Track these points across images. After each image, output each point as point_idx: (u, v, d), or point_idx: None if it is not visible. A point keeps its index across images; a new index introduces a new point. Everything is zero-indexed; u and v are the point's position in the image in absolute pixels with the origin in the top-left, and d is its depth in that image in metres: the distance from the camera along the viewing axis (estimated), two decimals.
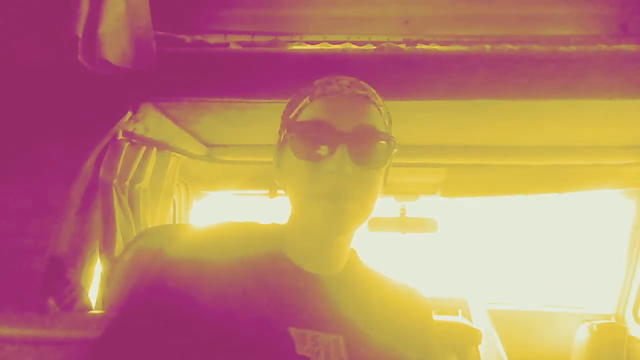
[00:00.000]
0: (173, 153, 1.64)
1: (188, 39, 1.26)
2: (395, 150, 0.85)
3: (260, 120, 1.50)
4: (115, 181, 1.30)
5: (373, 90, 0.88)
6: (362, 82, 0.87)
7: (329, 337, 0.81)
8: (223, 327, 0.78)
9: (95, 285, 1.31)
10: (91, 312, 1.23)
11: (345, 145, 0.78)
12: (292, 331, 0.80)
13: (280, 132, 0.91)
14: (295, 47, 1.27)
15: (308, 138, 0.81)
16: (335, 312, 0.85)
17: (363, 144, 0.80)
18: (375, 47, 1.24)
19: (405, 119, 1.51)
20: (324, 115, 0.81)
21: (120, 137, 1.27)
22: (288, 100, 0.92)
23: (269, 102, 1.24)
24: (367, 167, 0.81)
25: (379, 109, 0.86)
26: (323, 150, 0.79)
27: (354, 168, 0.79)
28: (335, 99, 0.83)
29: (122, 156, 1.30)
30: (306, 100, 0.85)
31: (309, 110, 0.84)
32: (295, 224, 0.88)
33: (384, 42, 1.25)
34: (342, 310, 0.86)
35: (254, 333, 0.78)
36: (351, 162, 0.78)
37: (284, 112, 0.91)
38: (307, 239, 0.87)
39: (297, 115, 0.85)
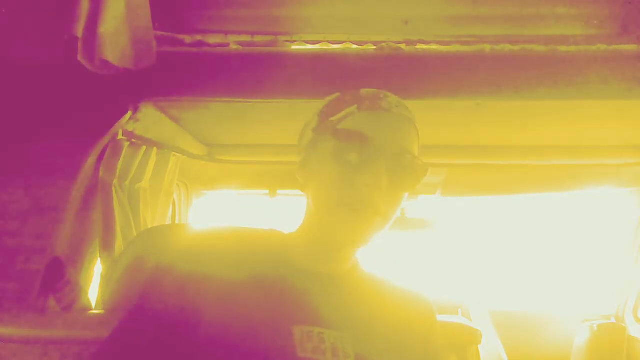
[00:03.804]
0: (173, 153, 1.64)
1: (188, 39, 1.26)
2: (424, 176, 0.87)
3: (260, 120, 1.50)
4: (115, 181, 1.30)
5: (413, 113, 0.89)
6: (405, 103, 0.89)
7: (335, 334, 0.82)
8: (224, 333, 0.78)
9: (95, 285, 1.31)
10: (91, 312, 1.23)
11: (385, 162, 0.81)
12: (297, 330, 0.80)
13: (308, 131, 0.91)
14: (295, 47, 1.28)
15: (351, 147, 0.82)
16: (342, 309, 0.85)
17: (401, 165, 0.83)
18: (375, 47, 1.24)
19: None
20: (371, 130, 0.83)
21: (120, 137, 1.27)
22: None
23: (269, 102, 1.24)
24: (399, 188, 0.84)
25: (418, 133, 0.88)
26: (362, 161, 0.81)
27: (387, 185, 0.82)
28: (383, 116, 0.85)
29: (122, 156, 1.30)
30: (353, 108, 0.86)
31: (356, 120, 0.85)
32: (310, 227, 0.89)
33: (384, 42, 1.25)
34: (348, 308, 0.86)
35: (255, 338, 0.78)
36: (387, 179, 0.81)
37: (321, 113, 0.91)
38: (321, 243, 0.87)
39: (340, 120, 0.86)
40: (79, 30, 1.01)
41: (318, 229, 0.86)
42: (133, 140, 1.34)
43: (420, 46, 1.27)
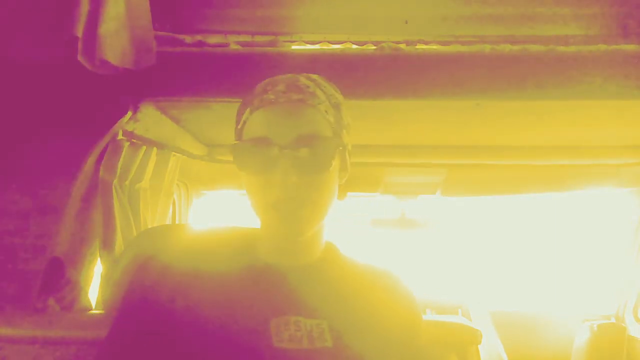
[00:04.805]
0: (173, 153, 1.64)
1: (188, 39, 1.26)
2: (341, 147, 0.86)
3: None
4: (115, 181, 1.30)
5: (312, 88, 0.86)
6: (300, 82, 0.86)
7: (311, 322, 0.84)
8: (205, 332, 0.81)
9: (95, 285, 1.31)
10: (91, 312, 1.23)
11: (287, 157, 0.81)
12: (273, 322, 0.82)
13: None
14: (295, 47, 1.28)
15: (251, 155, 0.84)
16: (317, 298, 0.87)
17: (303, 154, 0.82)
18: (375, 47, 1.24)
19: (406, 119, 1.51)
20: (262, 130, 0.83)
21: (120, 137, 1.27)
22: None
23: None
24: (312, 172, 0.83)
25: (318, 108, 0.85)
26: (267, 164, 0.82)
27: (299, 176, 0.81)
28: (271, 110, 0.84)
29: (122, 156, 1.30)
30: (247, 113, 0.87)
31: (250, 124, 0.86)
32: (261, 226, 0.92)
33: (384, 42, 1.25)
34: (324, 296, 0.88)
35: (234, 336, 0.81)
36: (295, 171, 0.80)
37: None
38: (272, 239, 0.90)
39: (241, 128, 0.88)
40: (79, 30, 1.01)
41: (263, 229, 0.90)
42: (133, 140, 1.34)
43: (420, 46, 1.27)
